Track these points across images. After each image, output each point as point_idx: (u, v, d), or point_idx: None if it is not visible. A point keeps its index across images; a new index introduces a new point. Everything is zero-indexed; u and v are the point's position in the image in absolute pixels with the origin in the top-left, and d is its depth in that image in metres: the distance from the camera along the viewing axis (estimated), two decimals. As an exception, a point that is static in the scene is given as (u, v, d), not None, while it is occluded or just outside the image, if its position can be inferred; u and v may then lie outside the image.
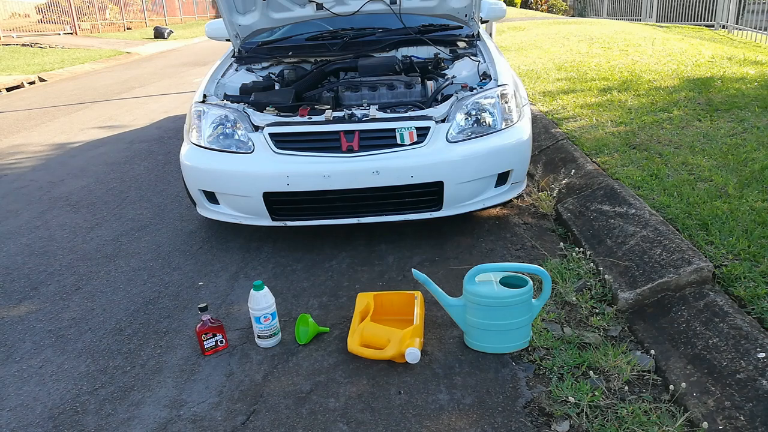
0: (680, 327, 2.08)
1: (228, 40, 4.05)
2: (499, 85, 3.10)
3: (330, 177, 2.78)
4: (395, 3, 3.71)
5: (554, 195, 3.48)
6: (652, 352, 2.04)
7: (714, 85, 5.24)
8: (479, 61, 3.56)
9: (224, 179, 2.92)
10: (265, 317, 2.25)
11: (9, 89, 9.59)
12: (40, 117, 7.13)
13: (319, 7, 3.71)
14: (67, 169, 4.88)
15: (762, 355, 1.79)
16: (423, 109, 3.04)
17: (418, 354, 2.10)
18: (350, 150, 2.81)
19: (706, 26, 11.98)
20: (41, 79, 10.43)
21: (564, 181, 3.56)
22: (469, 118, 2.95)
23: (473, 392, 1.98)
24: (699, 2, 12.56)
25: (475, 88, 3.13)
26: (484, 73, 3.38)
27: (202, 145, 3.01)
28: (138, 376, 2.18)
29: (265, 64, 3.90)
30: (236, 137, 2.95)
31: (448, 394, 1.98)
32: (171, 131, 5.97)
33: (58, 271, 3.07)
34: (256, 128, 2.95)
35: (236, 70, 3.79)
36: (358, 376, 2.10)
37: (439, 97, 3.21)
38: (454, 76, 3.46)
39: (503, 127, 2.97)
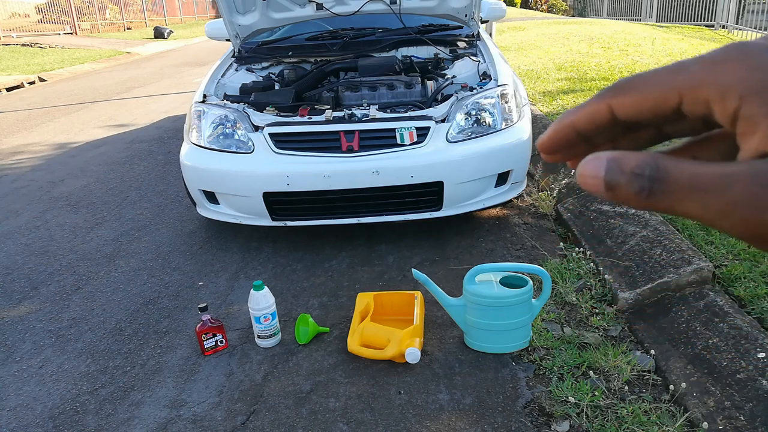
0: (680, 327, 2.08)
1: (228, 40, 4.05)
2: (499, 85, 3.10)
3: (330, 177, 2.78)
4: (395, 3, 3.71)
5: (554, 195, 3.48)
6: (652, 352, 2.04)
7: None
8: (479, 61, 3.56)
9: (224, 179, 2.92)
10: (265, 317, 2.25)
11: (9, 89, 9.58)
12: (40, 117, 7.13)
13: (319, 7, 3.71)
14: (67, 169, 4.88)
15: (762, 355, 1.79)
16: (423, 109, 3.04)
17: (418, 354, 2.10)
18: (350, 150, 2.81)
19: (706, 26, 11.98)
20: (41, 79, 10.42)
21: (564, 181, 3.56)
22: (469, 118, 2.95)
23: (473, 392, 1.98)
24: (699, 2, 12.55)
25: (475, 88, 3.13)
26: (484, 73, 3.38)
27: (202, 145, 3.01)
28: (138, 376, 2.18)
29: (265, 64, 3.90)
30: (236, 137, 2.95)
31: (448, 394, 1.98)
32: (171, 131, 5.97)
33: (58, 271, 3.07)
34: (256, 128, 2.95)
35: (236, 70, 3.79)
36: (358, 376, 2.10)
37: (439, 97, 3.21)
38: (454, 76, 3.46)
39: (503, 127, 2.97)
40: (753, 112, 0.23)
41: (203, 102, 3.20)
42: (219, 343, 2.29)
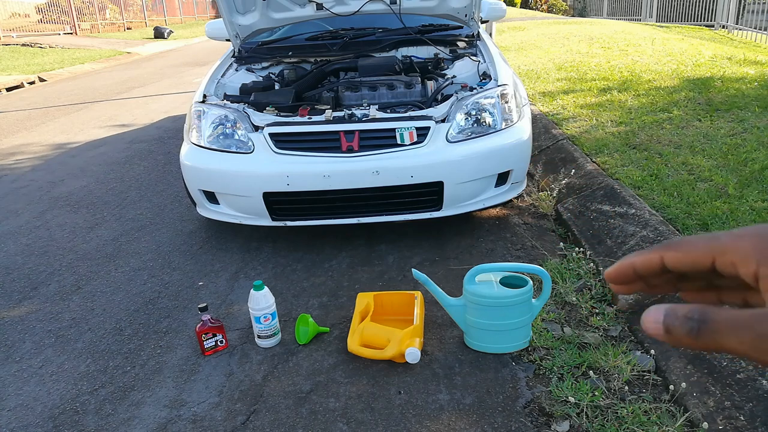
0: (680, 327, 2.08)
1: (228, 40, 4.05)
2: (499, 85, 3.10)
3: (330, 177, 2.78)
4: (395, 3, 3.71)
5: (554, 195, 3.48)
6: (652, 352, 2.04)
7: (714, 85, 5.24)
8: (479, 61, 3.56)
9: (224, 179, 2.92)
10: (265, 317, 2.25)
11: (9, 89, 9.58)
12: (40, 117, 7.13)
13: (319, 7, 3.71)
14: (67, 169, 4.88)
15: (762, 355, 1.79)
16: (423, 109, 3.04)
17: (418, 354, 2.10)
18: (350, 150, 2.81)
19: (706, 26, 11.97)
20: (41, 79, 10.42)
21: (564, 181, 3.56)
22: (469, 118, 2.95)
23: (473, 392, 1.98)
24: (699, 2, 12.55)
25: (475, 88, 3.13)
26: (484, 73, 3.38)
27: (202, 145, 3.01)
28: (138, 376, 2.18)
29: (265, 64, 3.90)
30: (236, 137, 2.95)
31: (448, 394, 1.98)
32: (171, 131, 5.97)
33: (58, 271, 3.07)
34: (256, 128, 2.95)
35: (236, 70, 3.79)
36: (358, 376, 2.10)
37: (439, 97, 3.21)
38: (454, 76, 3.46)
39: (503, 127, 2.97)
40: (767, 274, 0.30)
41: (203, 102, 3.20)
42: (219, 343, 2.29)
